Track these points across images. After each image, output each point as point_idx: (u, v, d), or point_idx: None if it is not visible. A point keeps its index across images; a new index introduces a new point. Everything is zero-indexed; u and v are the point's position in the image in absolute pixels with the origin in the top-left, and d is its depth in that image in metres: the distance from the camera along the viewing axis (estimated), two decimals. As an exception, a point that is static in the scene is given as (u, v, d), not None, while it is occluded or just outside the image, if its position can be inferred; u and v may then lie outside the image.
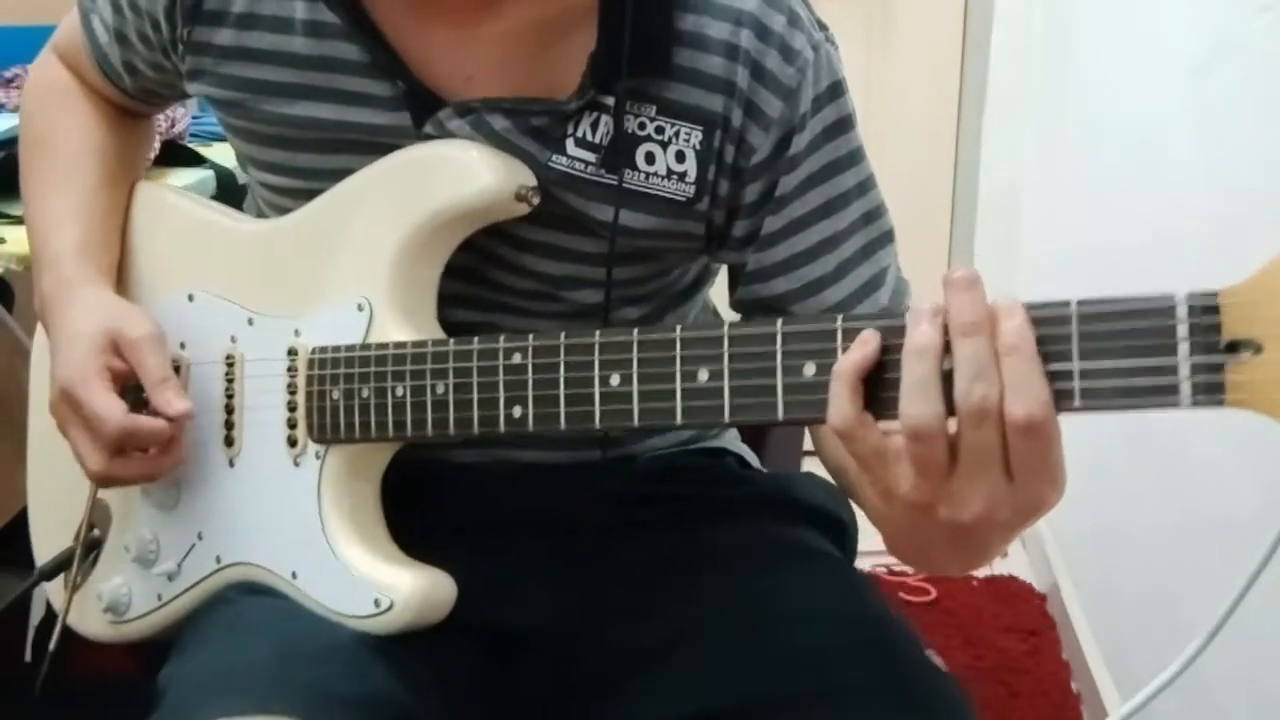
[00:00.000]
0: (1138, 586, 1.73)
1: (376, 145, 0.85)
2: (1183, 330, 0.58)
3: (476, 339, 0.79)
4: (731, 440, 1.04)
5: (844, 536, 1.00)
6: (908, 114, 2.63)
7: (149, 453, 0.87)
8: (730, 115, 0.82)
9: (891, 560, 2.36)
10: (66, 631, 0.99)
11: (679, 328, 0.71)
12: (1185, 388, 0.58)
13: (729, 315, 1.04)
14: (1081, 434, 2.17)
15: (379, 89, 0.85)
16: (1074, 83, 2.23)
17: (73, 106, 1.02)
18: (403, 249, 0.83)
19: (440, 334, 0.85)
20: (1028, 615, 2.11)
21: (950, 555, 0.68)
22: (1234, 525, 1.33)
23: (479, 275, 0.88)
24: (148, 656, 0.94)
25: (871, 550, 1.92)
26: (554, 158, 0.83)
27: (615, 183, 0.83)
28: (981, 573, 2.26)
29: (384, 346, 0.82)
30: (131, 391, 0.89)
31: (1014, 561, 2.33)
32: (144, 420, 0.85)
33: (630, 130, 0.82)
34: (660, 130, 0.83)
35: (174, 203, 1.00)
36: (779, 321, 0.68)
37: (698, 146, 0.83)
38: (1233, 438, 1.35)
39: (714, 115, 0.82)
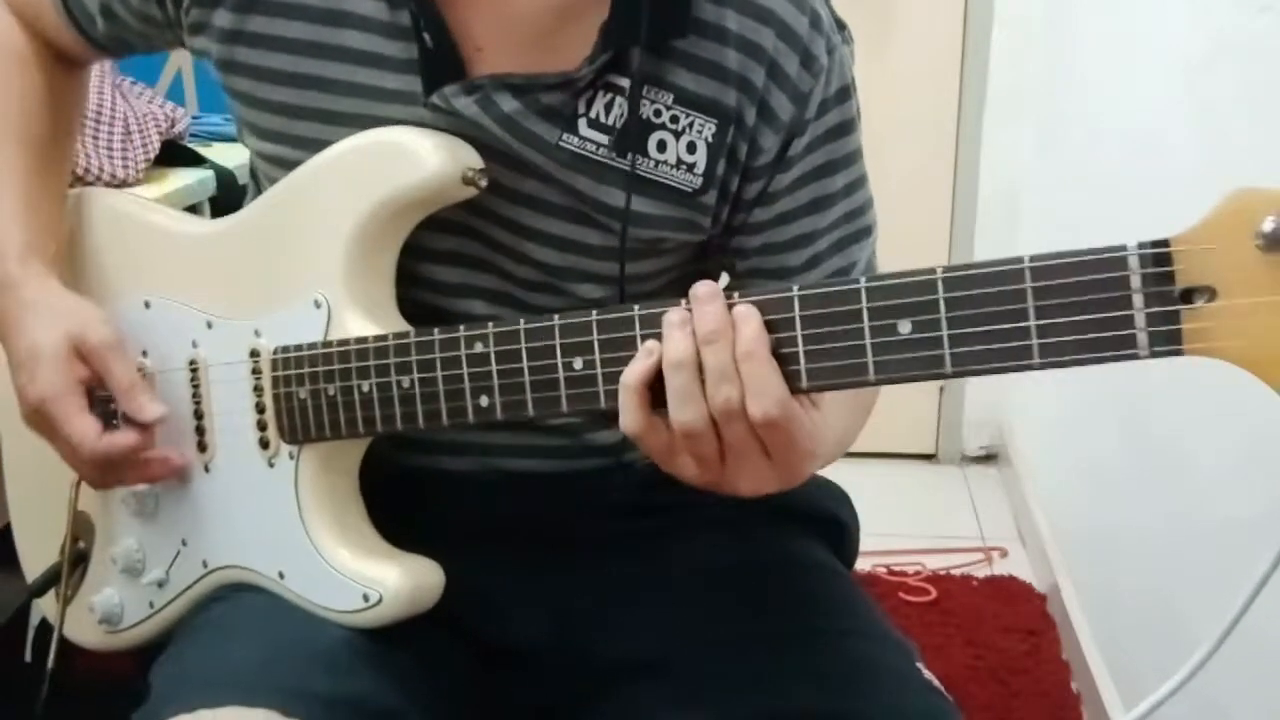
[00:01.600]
0: (1138, 587, 1.73)
1: (377, 118, 0.83)
2: (1136, 281, 0.60)
3: (437, 330, 0.78)
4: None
5: (844, 538, 1.00)
6: (908, 114, 2.63)
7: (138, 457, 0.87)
8: (744, 113, 0.82)
9: (891, 560, 2.37)
10: (68, 640, 0.99)
11: (637, 306, 0.71)
12: (1143, 338, 0.60)
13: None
14: (1082, 435, 2.17)
15: (393, 49, 0.83)
16: (1074, 83, 2.23)
17: (11, 75, 0.96)
18: (354, 242, 0.82)
19: (400, 322, 0.84)
20: (1028, 615, 2.11)
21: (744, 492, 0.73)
22: (1234, 526, 1.33)
23: (489, 265, 0.87)
24: (146, 657, 0.93)
25: (872, 550, 1.91)
26: (565, 137, 0.82)
27: (622, 165, 0.82)
28: (981, 572, 2.27)
29: (345, 343, 0.81)
30: (100, 403, 0.88)
31: (1014, 561, 2.33)
32: (117, 439, 0.85)
33: (645, 116, 0.82)
34: (675, 120, 0.82)
35: (123, 209, 0.98)
36: (735, 294, 0.69)
37: (710, 139, 0.82)
38: (1234, 439, 1.34)
39: (729, 110, 0.82)
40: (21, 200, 0.93)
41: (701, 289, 0.68)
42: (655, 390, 0.69)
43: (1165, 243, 0.59)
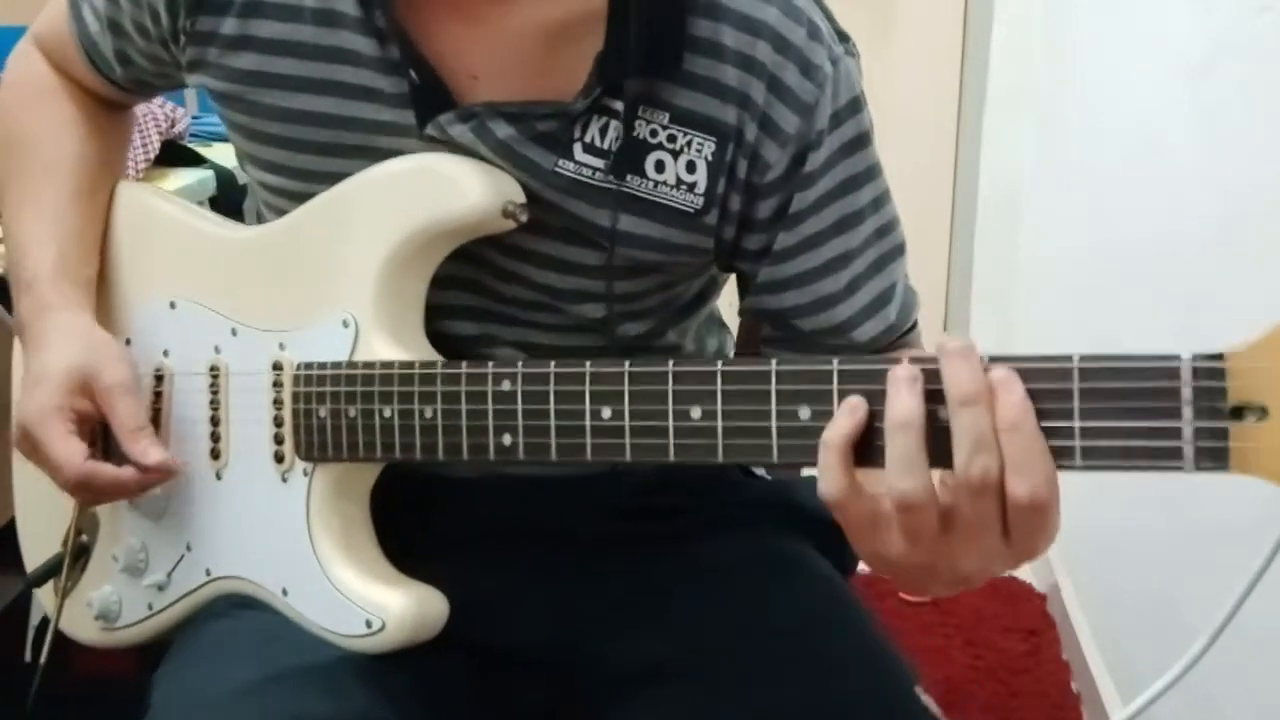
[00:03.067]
0: (1138, 587, 1.73)
1: (376, 149, 0.83)
2: (1187, 393, 0.57)
3: (465, 363, 0.77)
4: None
5: (845, 540, 0.99)
6: (908, 114, 2.62)
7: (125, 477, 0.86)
8: (744, 129, 0.81)
9: (891, 560, 2.36)
10: (64, 634, 0.99)
11: (671, 361, 0.70)
12: (1189, 451, 0.57)
13: (734, 323, 1.03)
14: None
15: (386, 84, 0.83)
16: (1074, 83, 2.23)
17: (49, 108, 0.98)
18: (388, 265, 0.82)
19: (428, 350, 0.84)
20: (1028, 615, 2.11)
21: (941, 590, 0.68)
22: (1233, 526, 1.33)
23: (480, 286, 0.87)
24: (147, 656, 0.93)
25: (871, 550, 1.88)
26: (560, 163, 0.81)
27: (614, 187, 0.81)
28: (981, 573, 2.26)
29: (370, 366, 0.80)
30: (104, 434, 0.87)
31: (1014, 561, 2.33)
32: (104, 468, 0.84)
33: (641, 136, 0.81)
34: (672, 139, 0.81)
35: (155, 206, 0.98)
36: (773, 361, 0.66)
37: (709, 158, 0.81)
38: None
39: (727, 127, 0.80)
40: (56, 224, 0.94)
41: (954, 344, 0.61)
42: (856, 451, 0.63)
43: (1220, 356, 0.57)
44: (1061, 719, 1.84)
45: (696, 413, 0.69)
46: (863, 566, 1.01)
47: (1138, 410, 0.58)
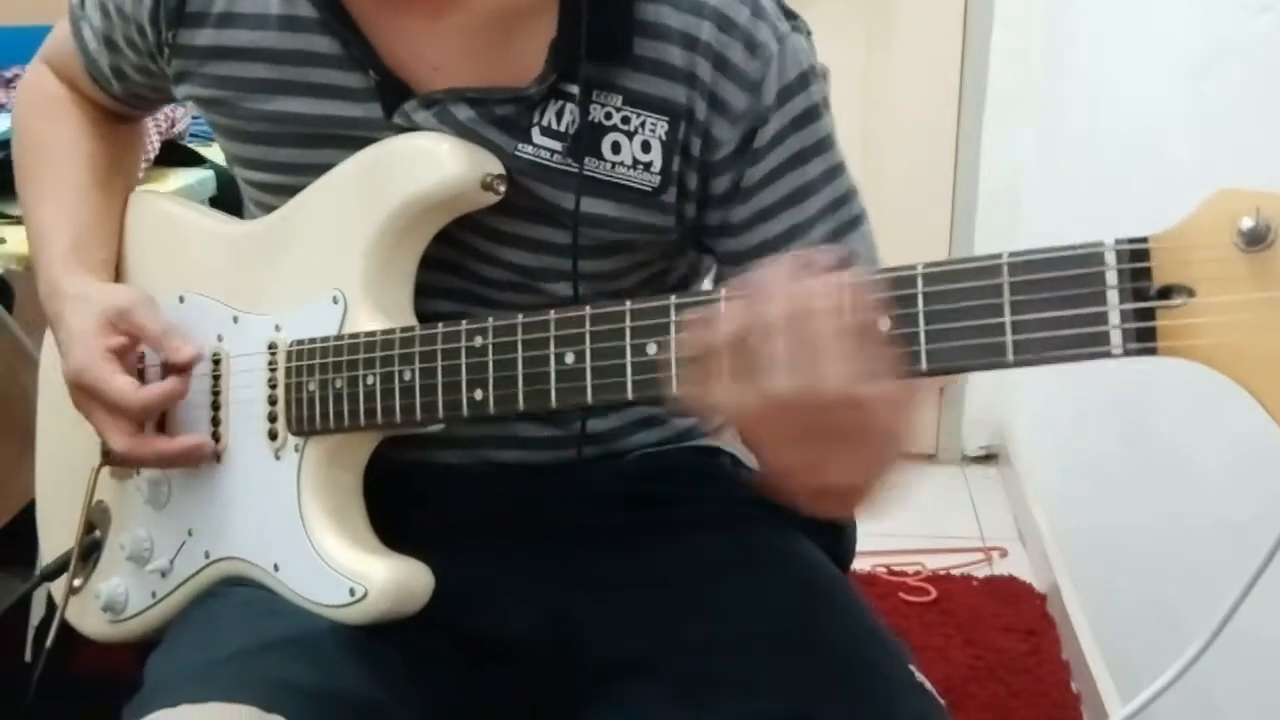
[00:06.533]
0: (1138, 587, 1.73)
1: (352, 139, 0.87)
2: (1112, 277, 0.58)
3: (441, 324, 0.80)
4: (726, 439, 1.04)
5: (840, 537, 1.00)
6: (908, 114, 2.63)
7: (168, 433, 0.91)
8: (694, 107, 0.83)
9: (891, 560, 2.38)
10: (67, 629, 0.99)
11: (629, 301, 0.72)
12: (1116, 336, 0.58)
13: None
14: (1082, 435, 2.17)
15: (351, 81, 0.87)
16: (1074, 83, 2.23)
17: (62, 115, 1.04)
18: (375, 241, 0.85)
19: (413, 321, 0.86)
20: (1028, 615, 2.11)
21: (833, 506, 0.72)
22: (1233, 526, 1.33)
23: (456, 266, 0.90)
24: (146, 652, 0.94)
25: (871, 550, 1.91)
26: (520, 147, 0.84)
27: (577, 170, 0.84)
28: (981, 572, 2.27)
29: (355, 336, 0.83)
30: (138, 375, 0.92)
31: (1014, 561, 2.33)
32: (155, 387, 0.89)
33: (596, 120, 0.84)
34: (626, 120, 0.84)
35: (164, 209, 1.02)
36: (721, 290, 0.68)
37: (663, 137, 0.84)
38: (1233, 439, 1.35)
39: (678, 106, 0.83)
40: (71, 213, 0.99)
41: (780, 267, 0.64)
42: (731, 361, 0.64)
43: (1144, 240, 0.58)
44: (1061, 719, 1.84)
45: (652, 349, 0.71)
46: (858, 565, 1.02)
47: (1065, 299, 0.59)
